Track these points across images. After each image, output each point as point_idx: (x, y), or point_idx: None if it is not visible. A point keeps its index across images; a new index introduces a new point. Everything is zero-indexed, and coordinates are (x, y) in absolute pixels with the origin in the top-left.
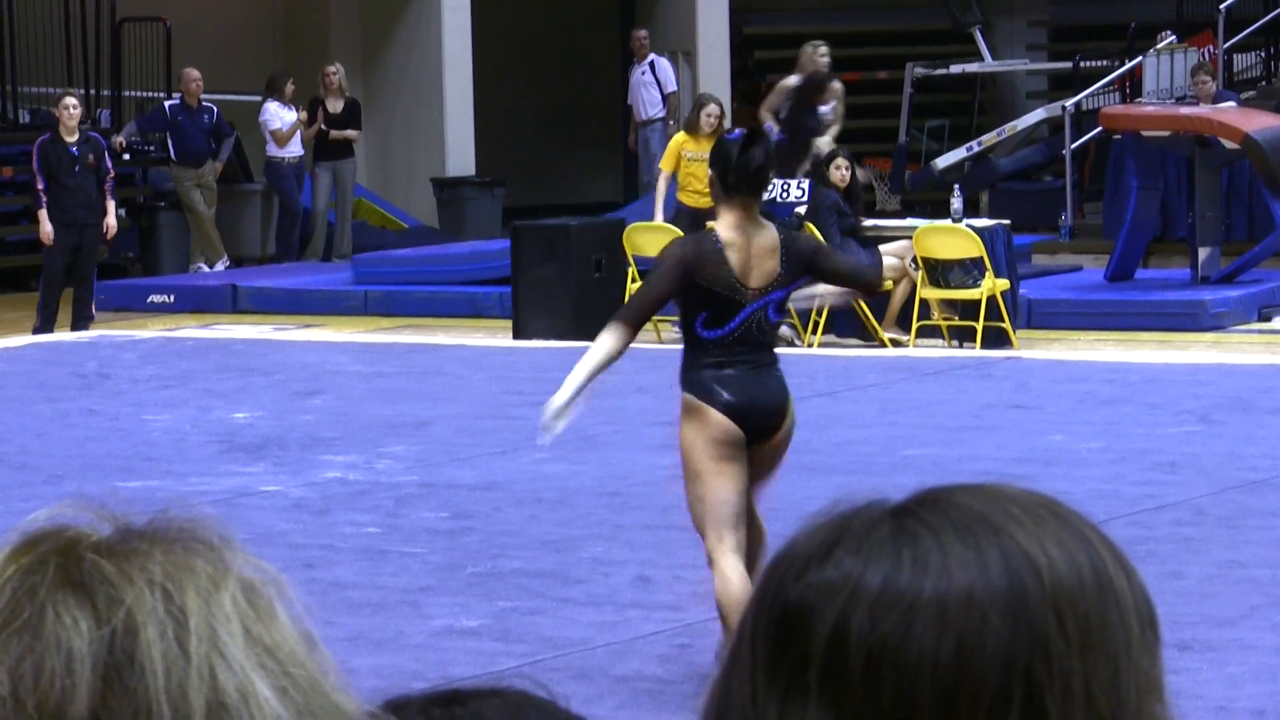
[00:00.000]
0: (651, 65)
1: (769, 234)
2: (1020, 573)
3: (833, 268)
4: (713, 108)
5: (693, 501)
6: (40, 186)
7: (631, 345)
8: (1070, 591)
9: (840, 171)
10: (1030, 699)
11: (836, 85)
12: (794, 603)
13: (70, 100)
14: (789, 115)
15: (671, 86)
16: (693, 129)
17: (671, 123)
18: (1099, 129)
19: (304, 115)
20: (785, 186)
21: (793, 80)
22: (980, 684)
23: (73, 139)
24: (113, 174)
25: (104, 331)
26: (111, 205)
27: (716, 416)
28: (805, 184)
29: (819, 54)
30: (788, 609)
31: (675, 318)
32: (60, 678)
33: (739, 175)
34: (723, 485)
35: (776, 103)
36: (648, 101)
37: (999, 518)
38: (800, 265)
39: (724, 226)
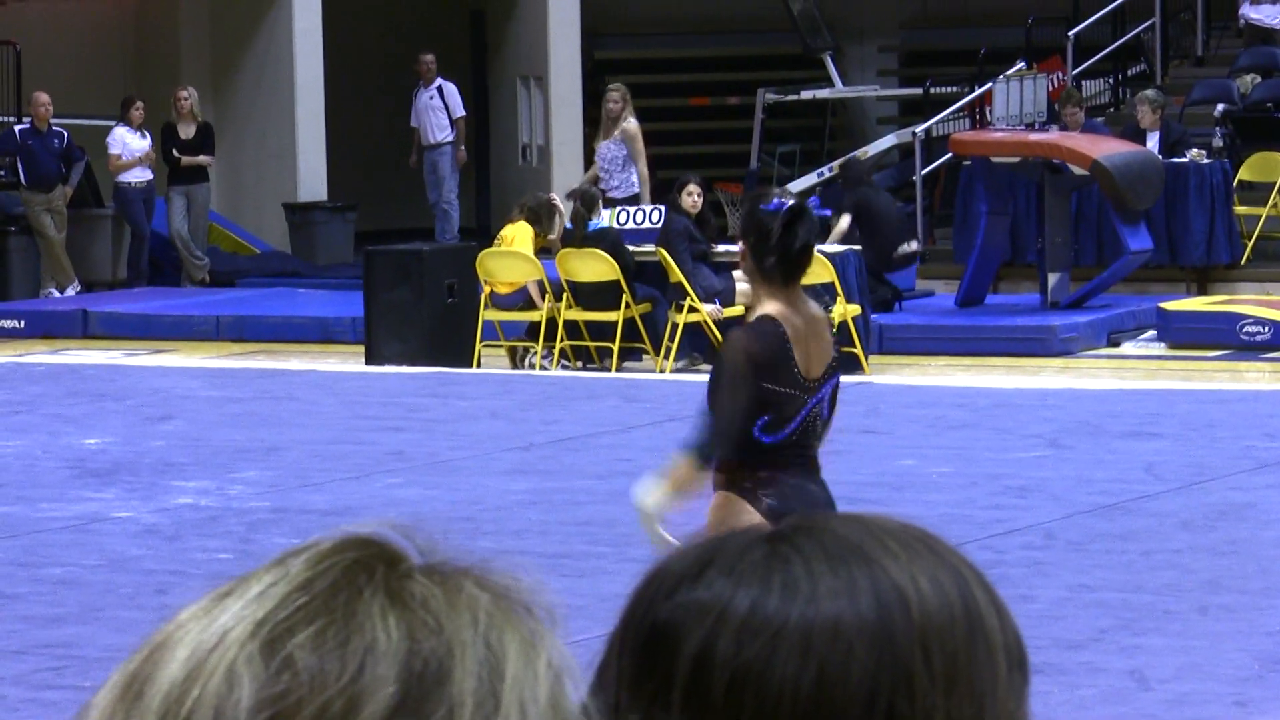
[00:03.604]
0: (440, 89)
1: (817, 312)
2: (889, 605)
3: None
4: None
5: None
6: None
7: (484, 370)
8: (939, 627)
9: (691, 198)
10: None
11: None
12: (662, 621)
13: None
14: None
15: (459, 111)
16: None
17: (462, 148)
18: (949, 154)
19: (151, 152)
20: (638, 213)
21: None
22: (841, 716)
23: None
24: None
25: None
26: None
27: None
28: (660, 210)
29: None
30: (656, 627)
31: (528, 343)
32: (359, 678)
33: (780, 257)
34: None
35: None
36: (435, 125)
37: (872, 548)
38: (836, 353)
39: (778, 313)
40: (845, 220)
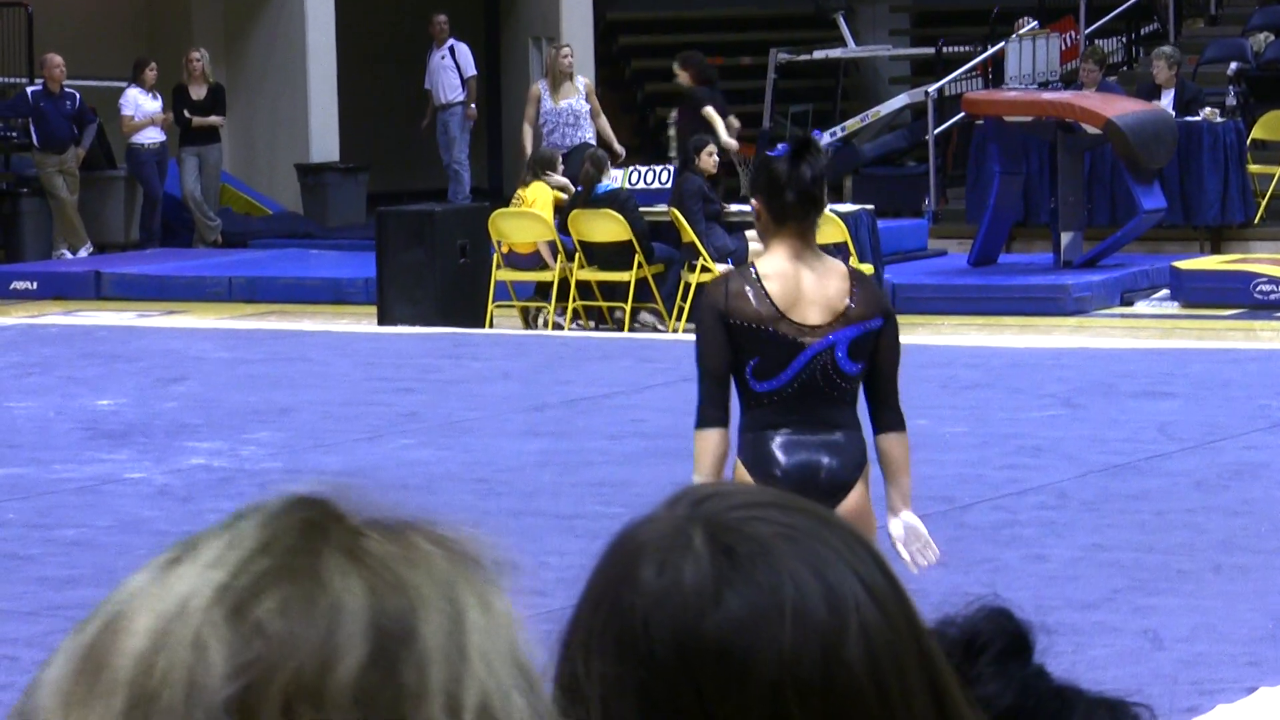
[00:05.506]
0: (451, 50)
1: (831, 263)
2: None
3: (886, 360)
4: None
5: None
6: None
7: (496, 331)
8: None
9: (711, 158)
10: None
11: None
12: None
13: None
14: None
15: (471, 71)
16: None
17: (472, 106)
18: (962, 114)
19: (163, 114)
20: (649, 173)
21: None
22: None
23: None
24: None
25: None
26: None
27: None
28: (669, 170)
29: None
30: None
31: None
32: (330, 640)
33: (797, 192)
34: None
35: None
36: (447, 85)
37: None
38: (874, 306)
39: (768, 258)
40: (711, 113)
